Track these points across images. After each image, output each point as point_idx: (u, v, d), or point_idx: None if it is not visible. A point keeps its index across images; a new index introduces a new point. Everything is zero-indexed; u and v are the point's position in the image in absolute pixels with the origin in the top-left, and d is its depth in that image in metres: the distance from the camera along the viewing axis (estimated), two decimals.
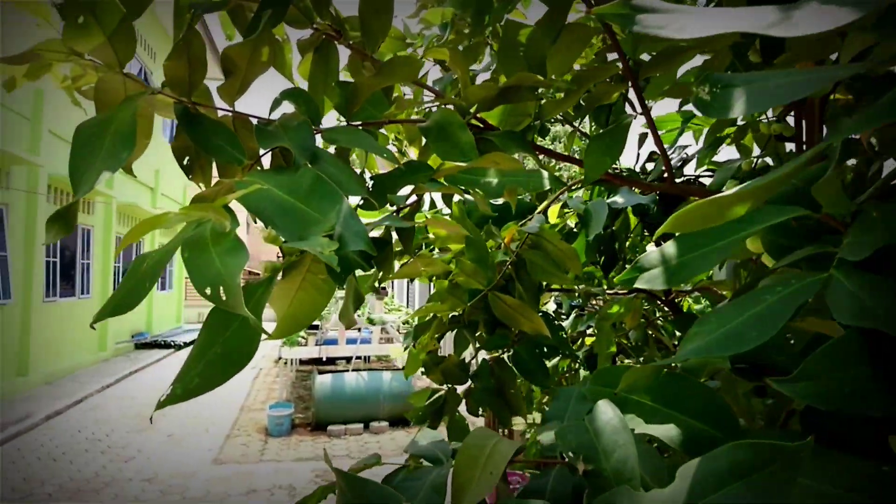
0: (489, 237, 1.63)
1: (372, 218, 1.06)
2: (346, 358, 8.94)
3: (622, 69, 1.12)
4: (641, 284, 0.84)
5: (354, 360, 7.04)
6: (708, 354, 0.61)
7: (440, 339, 2.04)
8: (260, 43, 0.93)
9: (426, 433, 1.30)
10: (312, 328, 6.71)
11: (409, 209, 1.09)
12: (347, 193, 0.87)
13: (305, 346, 6.65)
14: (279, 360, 11.57)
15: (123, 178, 12.11)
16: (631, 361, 2.23)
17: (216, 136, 0.94)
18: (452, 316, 1.90)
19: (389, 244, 1.14)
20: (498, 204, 1.74)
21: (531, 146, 1.09)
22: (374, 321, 6.77)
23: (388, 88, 1.16)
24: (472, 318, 1.72)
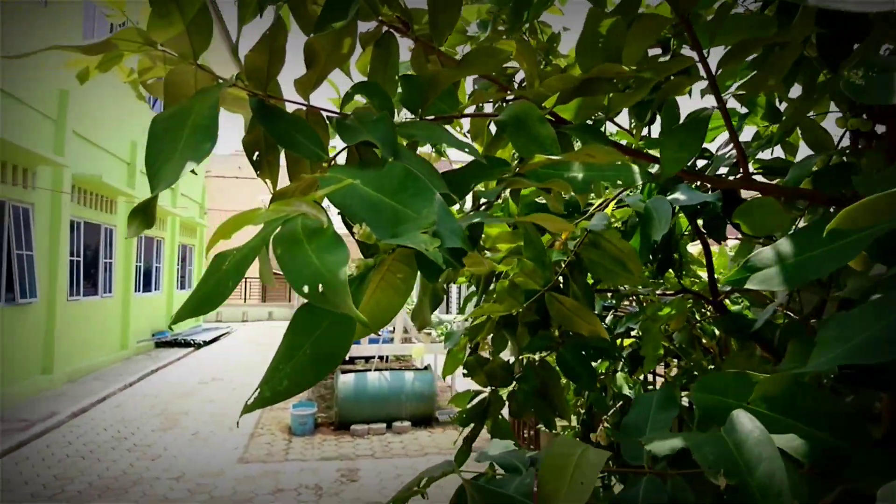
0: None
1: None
2: (365, 357, 8.94)
3: (699, 61, 1.08)
4: (754, 285, 0.79)
5: (377, 359, 7.02)
6: (848, 361, 0.57)
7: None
8: (344, 34, 0.90)
9: (498, 443, 1.26)
10: None
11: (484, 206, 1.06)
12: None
13: None
14: None
15: (144, 177, 12.22)
16: (681, 363, 2.18)
17: (296, 130, 0.91)
18: (502, 317, 1.86)
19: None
20: (539, 202, 1.69)
21: (609, 141, 1.05)
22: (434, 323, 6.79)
23: (455, 82, 1.12)
24: (525, 319, 1.69)
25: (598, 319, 1.50)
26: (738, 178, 1.45)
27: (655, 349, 2.23)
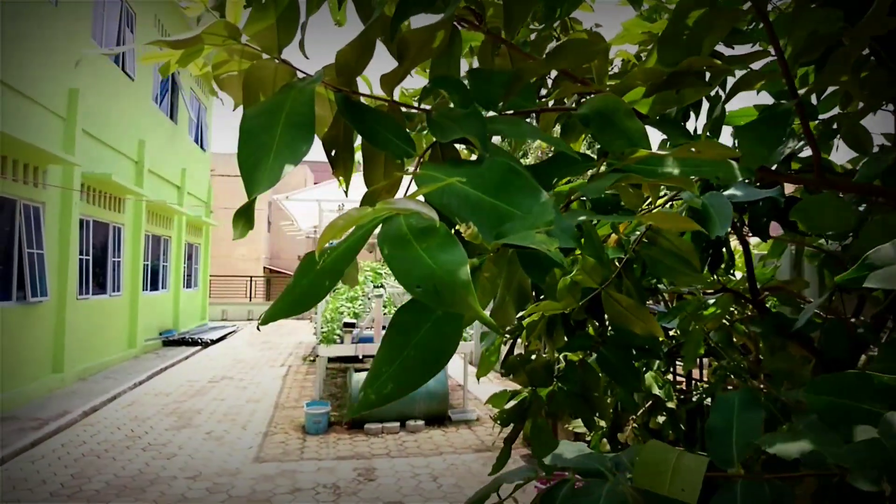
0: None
1: None
2: (371, 356, 8.93)
3: (776, 55, 1.05)
4: (873, 283, 0.77)
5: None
6: None
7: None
8: (440, 26, 0.88)
9: (567, 445, 1.23)
10: (349, 326, 6.70)
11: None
12: None
13: (342, 343, 6.63)
14: (306, 357, 11.60)
15: (151, 176, 12.21)
16: (722, 363, 2.15)
17: (384, 127, 0.88)
18: (551, 316, 1.84)
19: None
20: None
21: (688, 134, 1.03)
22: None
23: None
24: (578, 317, 1.66)
25: (653, 318, 1.48)
26: (811, 174, 1.42)
27: (697, 348, 2.21)
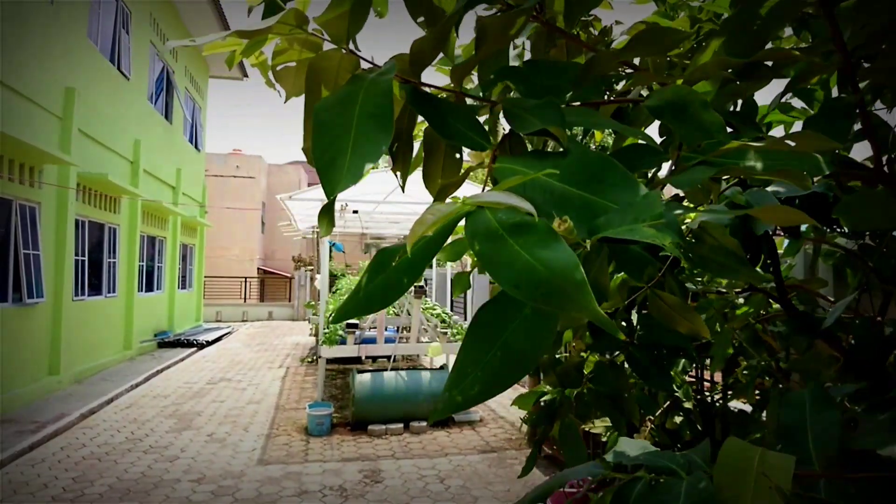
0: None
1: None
2: (372, 357, 8.90)
3: (838, 49, 1.04)
4: None
5: (393, 359, 6.97)
6: None
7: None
8: (520, 14, 0.85)
9: (627, 441, 1.20)
10: (352, 327, 6.65)
11: None
12: None
13: (345, 344, 6.58)
14: (304, 359, 11.53)
15: (146, 176, 12.10)
16: (751, 363, 2.14)
17: (457, 118, 0.86)
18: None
19: None
20: None
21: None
22: None
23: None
24: (622, 317, 1.64)
25: (700, 318, 1.46)
26: (867, 170, 1.41)
27: (726, 348, 2.19)
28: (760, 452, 0.90)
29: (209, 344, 13.62)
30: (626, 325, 1.77)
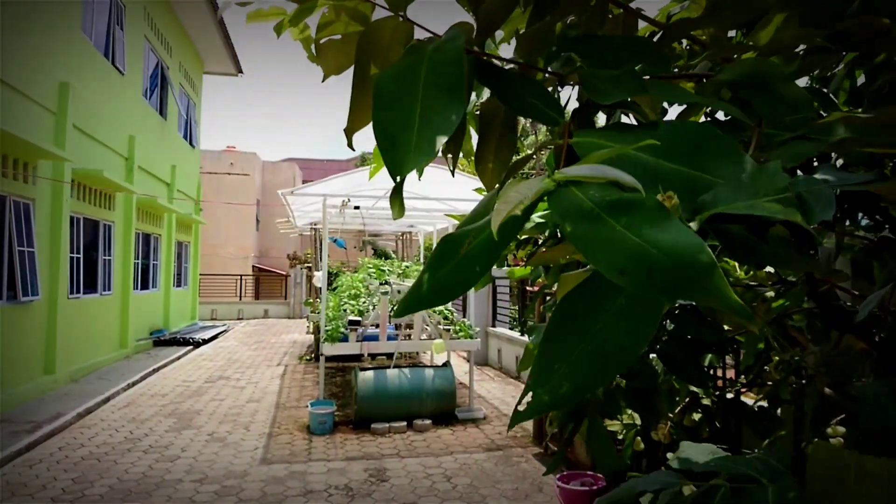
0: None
1: None
2: (372, 355, 8.78)
3: None
4: None
5: (395, 355, 6.88)
6: None
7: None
8: None
9: (690, 446, 1.13)
10: (354, 324, 6.57)
11: None
12: None
13: (347, 342, 6.49)
14: (302, 357, 11.43)
15: (141, 172, 11.96)
16: (782, 357, 2.08)
17: (527, 92, 0.78)
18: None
19: None
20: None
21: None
22: None
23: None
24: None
25: (751, 312, 1.40)
26: None
27: (757, 343, 2.13)
28: (855, 457, 0.83)
29: (205, 342, 13.50)
30: None
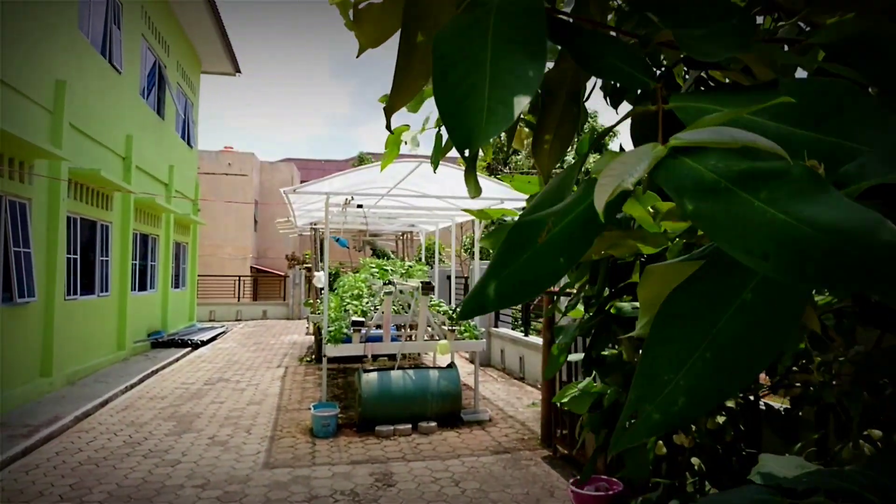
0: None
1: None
2: (374, 356, 8.64)
3: None
4: None
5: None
6: None
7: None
8: None
9: (771, 458, 1.02)
10: (357, 325, 6.45)
11: None
12: None
13: (350, 343, 6.38)
14: (302, 358, 11.30)
15: (139, 173, 11.82)
16: (828, 357, 1.97)
17: (612, 53, 0.67)
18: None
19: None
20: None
21: None
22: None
23: None
24: None
25: (813, 311, 1.29)
26: None
27: (798, 342, 2.02)
28: None
29: (204, 344, 13.36)
30: None
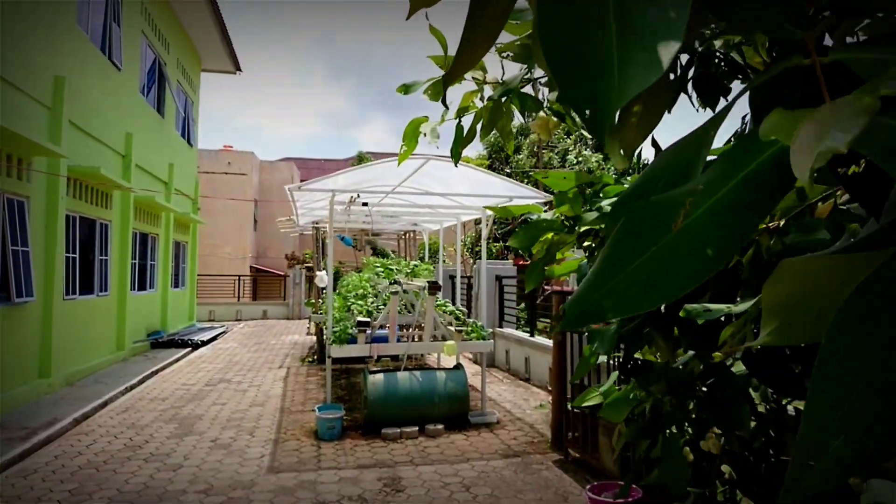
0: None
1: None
2: (377, 357, 8.52)
3: None
4: None
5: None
6: None
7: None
8: None
9: (882, 484, 0.91)
10: (363, 325, 6.31)
11: None
12: None
13: (355, 343, 6.25)
14: (304, 359, 11.17)
15: (139, 171, 11.68)
16: None
17: None
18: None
19: None
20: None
21: None
22: None
23: None
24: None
25: None
26: None
27: None
28: None
29: (204, 344, 13.22)
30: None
